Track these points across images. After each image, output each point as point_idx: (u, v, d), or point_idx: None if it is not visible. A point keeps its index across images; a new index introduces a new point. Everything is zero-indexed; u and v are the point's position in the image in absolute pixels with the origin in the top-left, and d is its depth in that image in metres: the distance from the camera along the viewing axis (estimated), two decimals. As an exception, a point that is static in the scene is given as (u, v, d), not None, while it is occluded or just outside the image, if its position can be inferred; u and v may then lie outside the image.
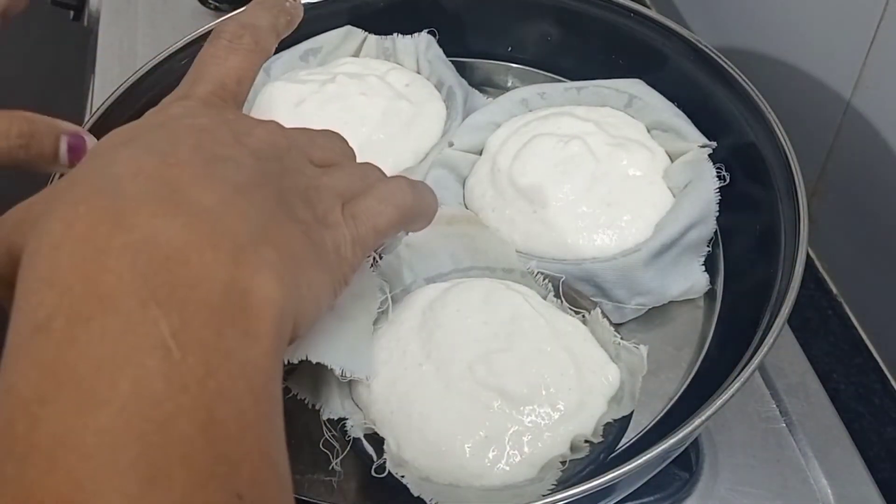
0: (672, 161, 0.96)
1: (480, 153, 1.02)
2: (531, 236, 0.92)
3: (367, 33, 1.11)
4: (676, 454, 0.83)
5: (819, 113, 1.03)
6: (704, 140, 0.95)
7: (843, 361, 1.02)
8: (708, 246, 0.92)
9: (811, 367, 0.95)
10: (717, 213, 0.91)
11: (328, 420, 0.78)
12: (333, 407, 0.78)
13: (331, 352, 0.75)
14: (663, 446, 0.69)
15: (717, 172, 0.92)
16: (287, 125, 0.99)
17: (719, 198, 0.91)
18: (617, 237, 0.91)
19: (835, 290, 1.06)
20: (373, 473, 0.75)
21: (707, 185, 0.91)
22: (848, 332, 1.04)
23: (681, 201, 0.91)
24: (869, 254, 1.01)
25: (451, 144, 1.01)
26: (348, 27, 1.11)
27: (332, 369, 0.74)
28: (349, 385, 0.81)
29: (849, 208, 1.02)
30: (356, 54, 1.11)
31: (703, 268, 0.92)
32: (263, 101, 1.03)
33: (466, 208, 0.97)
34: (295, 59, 1.09)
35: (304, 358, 0.74)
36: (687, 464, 0.87)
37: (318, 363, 0.71)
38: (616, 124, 0.98)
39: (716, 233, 0.95)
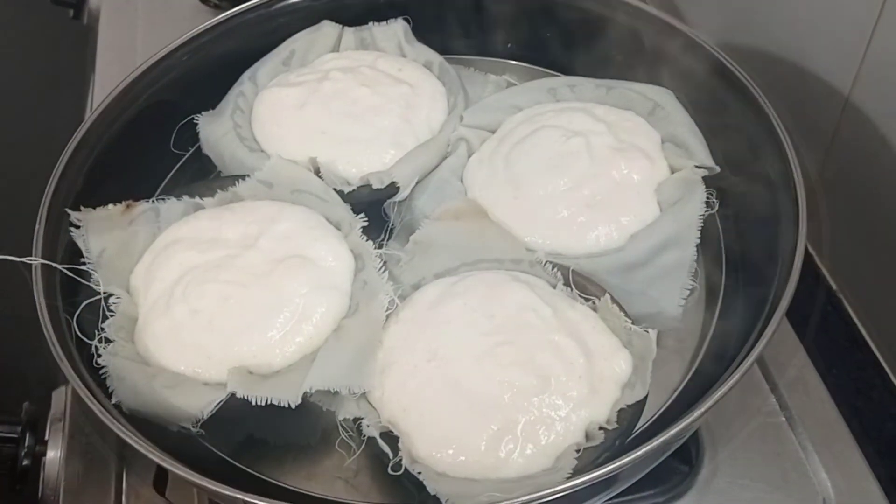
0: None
1: (494, 132, 1.03)
2: (504, 221, 0.93)
3: (342, 26, 1.12)
4: (676, 447, 0.83)
5: (818, 108, 1.03)
6: (710, 162, 0.94)
7: (843, 357, 1.02)
8: (693, 279, 0.90)
9: (810, 361, 0.95)
10: (699, 240, 0.90)
11: (343, 420, 0.79)
12: (349, 407, 0.79)
13: (334, 375, 0.78)
14: (662, 439, 0.70)
15: (708, 198, 0.92)
16: (294, 130, 1.01)
17: (702, 224, 0.90)
18: (586, 239, 0.91)
19: (834, 286, 1.07)
20: (389, 471, 0.75)
21: (693, 208, 0.90)
22: (847, 328, 1.05)
23: (662, 217, 0.91)
24: (869, 249, 1.01)
25: (461, 120, 1.02)
26: (323, 22, 1.11)
27: (335, 392, 0.77)
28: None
29: (848, 203, 1.02)
30: (335, 49, 1.12)
31: (683, 301, 0.89)
32: (261, 110, 1.03)
33: (461, 183, 0.98)
34: (278, 66, 1.09)
35: (309, 390, 0.77)
36: (687, 457, 0.88)
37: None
38: (630, 129, 0.98)
39: (717, 236, 0.95)
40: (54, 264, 0.84)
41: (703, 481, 0.86)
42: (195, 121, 1.03)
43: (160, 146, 1.04)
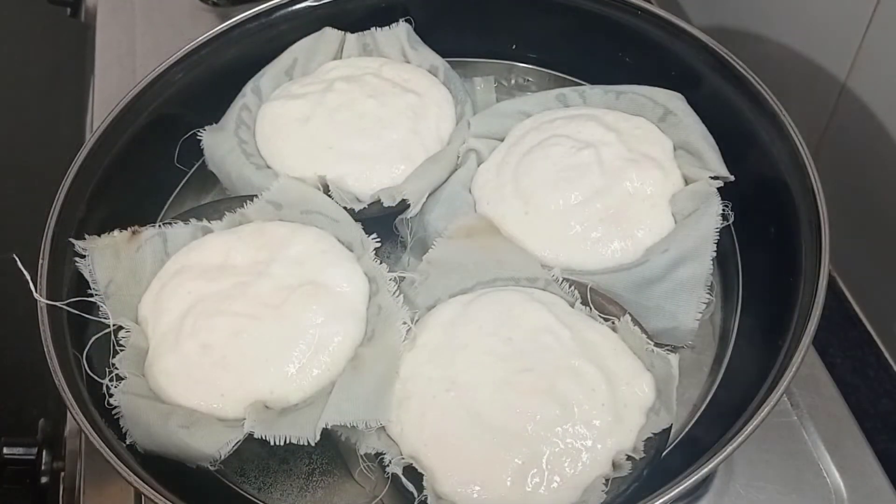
0: (687, 185, 0.93)
1: (503, 140, 1.00)
2: (515, 237, 0.91)
3: (343, 32, 1.08)
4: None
5: (814, 94, 1.01)
6: (724, 172, 0.92)
7: (839, 335, 1.02)
8: (709, 293, 0.88)
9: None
10: (715, 253, 0.87)
11: (365, 454, 0.78)
12: (370, 441, 0.77)
13: (351, 410, 0.76)
14: (679, 488, 0.69)
15: (723, 211, 0.89)
16: (299, 146, 0.99)
17: (718, 238, 0.88)
18: (601, 255, 0.89)
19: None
20: None
21: (708, 221, 0.88)
22: (842, 305, 1.04)
23: (677, 230, 0.89)
24: (863, 230, 1.00)
25: (469, 127, 1.00)
26: (324, 29, 1.08)
27: (353, 426, 0.76)
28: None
29: (843, 187, 1.00)
30: (338, 56, 1.09)
31: (699, 315, 0.87)
32: (265, 124, 1.01)
33: (471, 195, 0.96)
34: (280, 75, 1.06)
35: (326, 426, 0.75)
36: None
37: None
38: (641, 138, 0.95)
39: (732, 241, 0.94)
40: (60, 304, 0.82)
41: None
42: (199, 135, 1.00)
43: (164, 163, 1.02)
